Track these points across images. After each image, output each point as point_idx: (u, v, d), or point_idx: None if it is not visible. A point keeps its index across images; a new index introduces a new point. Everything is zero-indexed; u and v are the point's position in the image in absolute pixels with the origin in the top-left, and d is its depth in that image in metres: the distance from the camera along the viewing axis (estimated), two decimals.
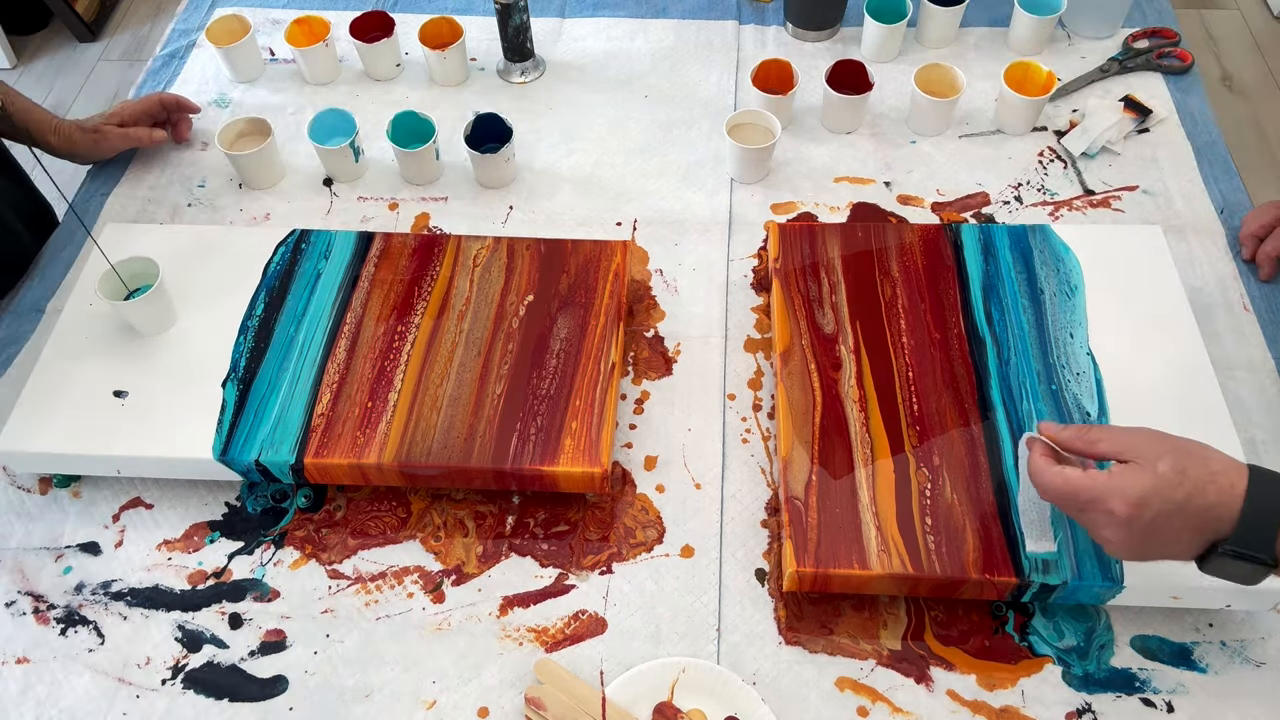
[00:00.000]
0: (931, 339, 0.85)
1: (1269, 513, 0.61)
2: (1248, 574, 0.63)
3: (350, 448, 0.80)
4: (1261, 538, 0.61)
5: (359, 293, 0.90)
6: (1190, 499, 0.62)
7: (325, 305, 0.90)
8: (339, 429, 0.81)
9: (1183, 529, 0.63)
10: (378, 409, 0.83)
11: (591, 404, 0.82)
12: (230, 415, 0.83)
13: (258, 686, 0.76)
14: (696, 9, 1.24)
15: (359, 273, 0.92)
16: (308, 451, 0.80)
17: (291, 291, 0.91)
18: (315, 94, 1.17)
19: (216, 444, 0.81)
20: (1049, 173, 1.05)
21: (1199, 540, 0.63)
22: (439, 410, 0.82)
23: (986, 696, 0.74)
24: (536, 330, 0.87)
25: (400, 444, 0.80)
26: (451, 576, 0.81)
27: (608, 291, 0.90)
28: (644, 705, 0.73)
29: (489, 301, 0.90)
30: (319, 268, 0.93)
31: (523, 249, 0.93)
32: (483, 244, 0.94)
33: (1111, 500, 0.64)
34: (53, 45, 2.43)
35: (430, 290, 0.90)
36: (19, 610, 0.81)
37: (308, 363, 0.86)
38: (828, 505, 0.76)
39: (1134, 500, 0.63)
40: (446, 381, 0.84)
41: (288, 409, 0.83)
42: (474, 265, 0.92)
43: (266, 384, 0.85)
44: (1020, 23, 1.15)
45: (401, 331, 0.88)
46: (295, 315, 0.89)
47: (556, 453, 0.80)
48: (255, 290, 0.91)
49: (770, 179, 1.06)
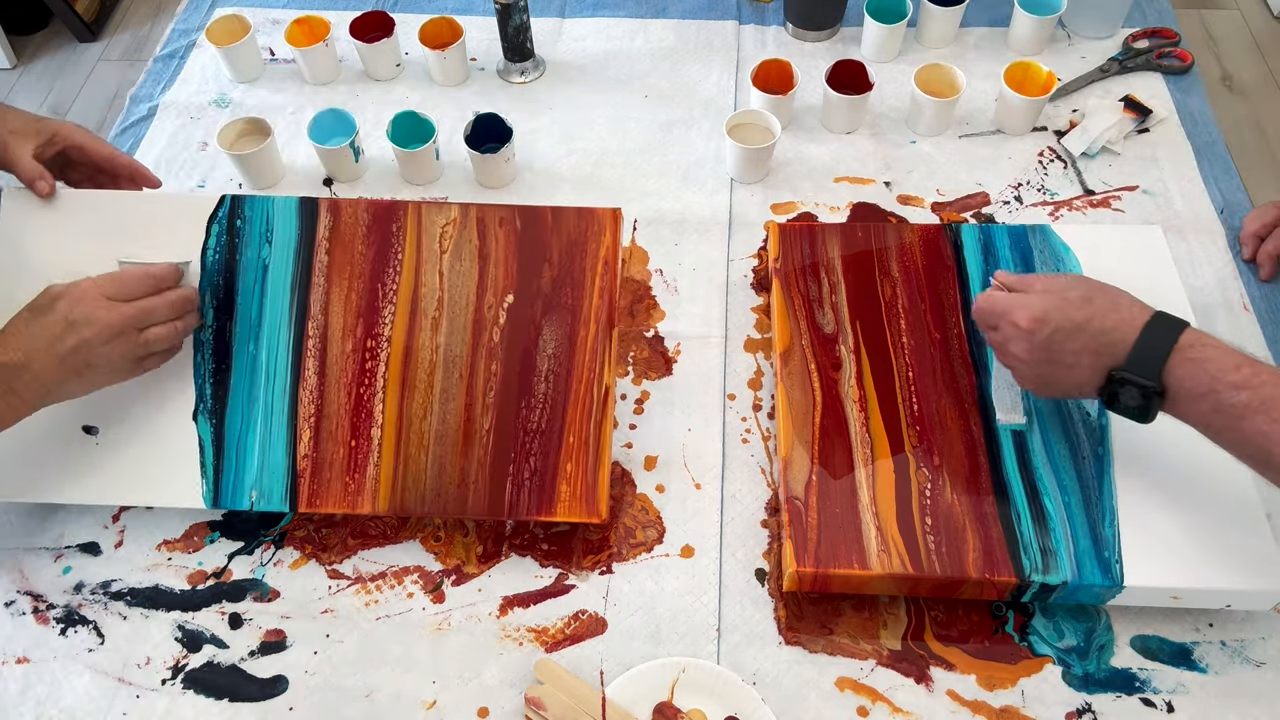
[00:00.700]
0: (931, 339, 0.85)
1: (1162, 343, 0.66)
2: (1140, 404, 0.67)
3: (342, 497, 0.79)
4: (1152, 366, 0.66)
5: (316, 293, 0.84)
6: (1090, 321, 0.68)
7: (281, 311, 0.84)
8: (326, 474, 0.80)
9: (1081, 351, 0.68)
10: (362, 448, 0.81)
11: (585, 441, 0.80)
12: (211, 457, 0.81)
13: (258, 686, 0.76)
14: (696, 9, 1.24)
15: (311, 262, 0.85)
16: (299, 502, 0.79)
17: (239, 291, 0.84)
18: (315, 94, 1.17)
19: (206, 495, 0.80)
20: (1049, 173, 1.05)
21: (1098, 366, 0.68)
22: (426, 450, 0.80)
23: (986, 696, 0.74)
24: (520, 344, 0.83)
25: (392, 492, 0.79)
26: (451, 576, 0.81)
27: (597, 290, 0.85)
28: (644, 705, 0.73)
29: (464, 305, 0.84)
30: (264, 256, 0.85)
31: (494, 224, 0.86)
32: (448, 217, 0.86)
33: (1016, 313, 0.71)
34: (53, 45, 2.42)
35: (396, 288, 0.84)
36: (19, 610, 0.81)
37: (277, 393, 0.82)
38: (828, 505, 0.76)
39: (1036, 314, 0.69)
40: (430, 415, 0.81)
41: (268, 450, 0.81)
42: (441, 250, 0.85)
43: (240, 419, 0.82)
44: (1020, 23, 1.15)
45: (372, 348, 0.83)
46: (251, 325, 0.84)
47: (553, 501, 0.79)
48: (199, 286, 0.84)
49: (770, 179, 1.06)
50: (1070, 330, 0.69)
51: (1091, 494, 0.76)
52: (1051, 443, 0.79)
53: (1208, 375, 0.65)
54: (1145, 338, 0.67)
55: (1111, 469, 0.77)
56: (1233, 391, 0.64)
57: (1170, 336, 0.66)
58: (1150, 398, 0.67)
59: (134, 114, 1.16)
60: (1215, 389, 0.65)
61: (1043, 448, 0.79)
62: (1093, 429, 0.79)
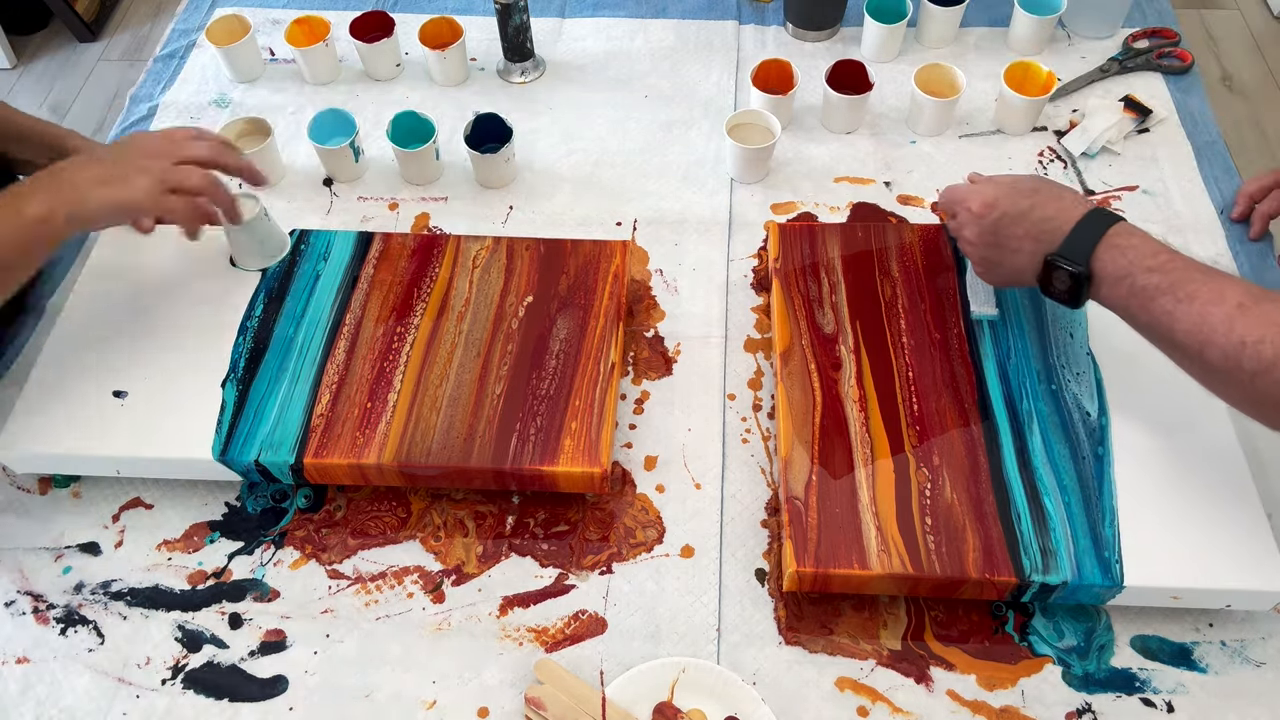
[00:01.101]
0: (931, 339, 0.85)
1: (1093, 232, 0.72)
2: (1068, 287, 0.74)
3: (350, 448, 0.80)
4: (1082, 251, 0.72)
5: (358, 294, 0.90)
6: (1033, 209, 0.75)
7: (324, 306, 0.90)
8: (338, 429, 0.81)
9: (1024, 237, 0.76)
10: (377, 409, 0.82)
11: (591, 404, 0.82)
12: (230, 415, 0.82)
13: (258, 686, 0.76)
14: (696, 9, 1.24)
15: (358, 274, 0.92)
16: (307, 452, 0.80)
17: (290, 292, 0.91)
18: (315, 94, 1.17)
19: (216, 444, 0.81)
20: (1049, 173, 1.05)
21: (1037, 252, 0.75)
22: (438, 410, 0.82)
23: (986, 696, 0.74)
24: (536, 331, 0.87)
25: (400, 444, 0.80)
26: (451, 576, 0.81)
27: (607, 292, 0.90)
28: (644, 705, 0.73)
29: (488, 302, 0.89)
30: (318, 269, 0.92)
31: (522, 249, 0.93)
32: (482, 245, 0.94)
33: (970, 199, 0.79)
34: (53, 45, 2.43)
35: (430, 291, 0.90)
36: (19, 610, 0.81)
37: (307, 363, 0.86)
38: (828, 505, 0.76)
39: (988, 200, 0.78)
40: (446, 382, 0.84)
41: (287, 409, 0.83)
42: (473, 266, 0.92)
43: (266, 384, 0.84)
44: (1020, 23, 1.15)
45: (401, 332, 0.87)
46: (294, 316, 0.89)
47: (556, 453, 0.80)
48: (255, 290, 0.91)
49: (770, 179, 1.06)
50: (1015, 216, 0.76)
51: (1091, 494, 0.76)
52: (1051, 443, 0.79)
53: (1127, 260, 0.71)
54: (1080, 227, 0.73)
55: (1111, 469, 0.77)
56: (1146, 274, 0.70)
57: (1101, 227, 0.72)
58: (1080, 282, 0.73)
59: (134, 114, 1.16)
60: (1132, 272, 0.70)
61: (1043, 448, 0.79)
62: (1093, 429, 0.80)
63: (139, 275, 0.92)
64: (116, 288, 0.91)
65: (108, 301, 0.90)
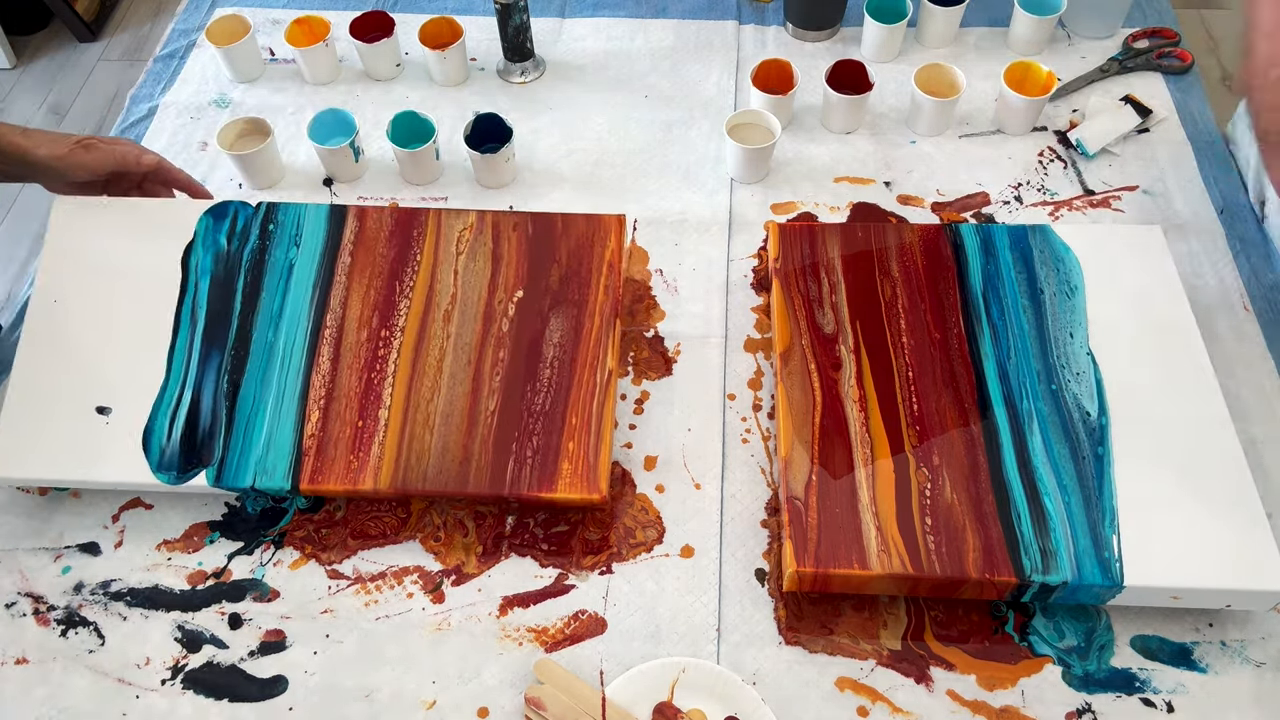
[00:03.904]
0: (931, 339, 0.85)
1: None
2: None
3: (345, 473, 0.79)
4: None
5: (337, 288, 0.88)
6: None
7: (302, 303, 0.87)
8: (331, 452, 0.80)
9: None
10: (369, 428, 0.81)
11: (589, 420, 0.81)
12: (220, 437, 0.82)
13: (258, 686, 0.76)
14: (696, 9, 1.24)
15: (335, 263, 0.89)
16: (302, 479, 0.79)
17: (265, 287, 0.88)
18: (315, 94, 1.17)
19: (210, 471, 0.80)
20: (1049, 173, 1.05)
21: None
22: (431, 430, 0.81)
23: (986, 696, 0.74)
24: (528, 334, 0.86)
25: (395, 470, 0.79)
26: (451, 576, 0.81)
27: (602, 286, 0.88)
28: (644, 705, 0.73)
29: (476, 299, 0.87)
30: (290, 257, 0.89)
31: (509, 228, 0.90)
32: (465, 222, 0.91)
33: None
34: (53, 45, 2.43)
35: (413, 284, 0.88)
36: (19, 611, 0.81)
37: (291, 375, 0.84)
38: (828, 505, 0.76)
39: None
40: (437, 396, 0.83)
41: (276, 429, 0.81)
42: (457, 252, 0.89)
43: (251, 400, 0.83)
44: (1020, 23, 1.15)
45: (386, 337, 0.85)
46: (272, 316, 0.87)
47: (554, 477, 0.79)
48: (227, 280, 0.88)
49: (770, 179, 1.06)
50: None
51: (1091, 494, 0.76)
52: (1051, 443, 0.79)
53: None
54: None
55: (1111, 469, 0.77)
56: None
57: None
58: None
59: (134, 114, 1.16)
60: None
61: (1043, 448, 0.79)
62: (1093, 429, 0.80)
63: (95, 272, 0.89)
64: (74, 287, 0.88)
65: (68, 309, 0.87)
